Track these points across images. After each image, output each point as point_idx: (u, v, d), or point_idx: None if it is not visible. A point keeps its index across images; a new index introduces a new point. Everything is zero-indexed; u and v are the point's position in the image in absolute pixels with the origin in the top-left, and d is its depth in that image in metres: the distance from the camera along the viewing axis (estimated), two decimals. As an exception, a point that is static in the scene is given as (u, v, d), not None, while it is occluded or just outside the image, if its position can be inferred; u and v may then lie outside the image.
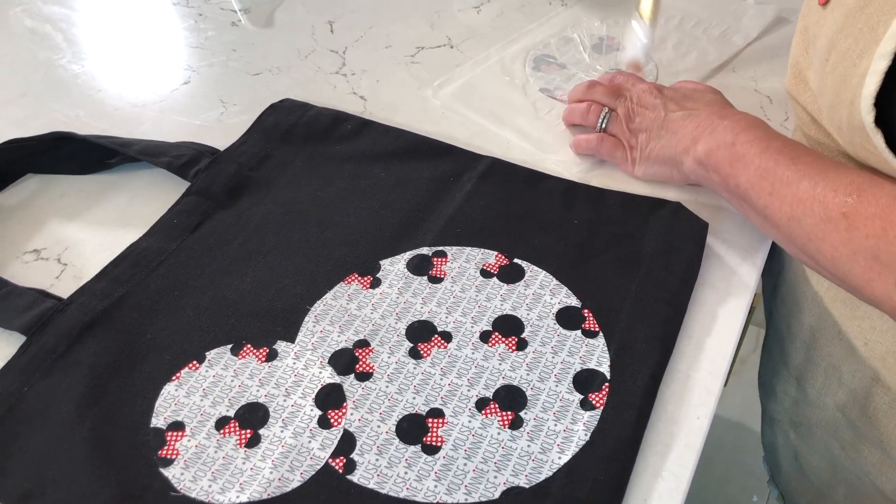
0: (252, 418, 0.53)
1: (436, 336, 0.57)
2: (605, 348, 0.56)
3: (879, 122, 0.44)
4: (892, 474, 0.62)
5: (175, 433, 0.52)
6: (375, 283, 0.61)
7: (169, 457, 0.51)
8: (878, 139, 0.45)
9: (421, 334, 0.57)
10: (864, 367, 0.60)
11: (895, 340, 0.57)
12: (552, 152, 0.72)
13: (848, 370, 0.62)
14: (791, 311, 0.67)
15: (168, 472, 0.50)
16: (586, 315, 0.58)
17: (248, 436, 0.52)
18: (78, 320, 0.58)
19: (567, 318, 0.58)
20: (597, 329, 0.58)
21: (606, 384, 0.54)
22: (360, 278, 0.61)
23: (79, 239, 0.65)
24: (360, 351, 0.56)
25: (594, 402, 0.53)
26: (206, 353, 0.56)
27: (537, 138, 0.73)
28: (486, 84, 0.79)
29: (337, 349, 0.57)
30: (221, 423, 0.53)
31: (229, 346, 0.57)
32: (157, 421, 0.53)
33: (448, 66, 0.82)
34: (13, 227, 0.66)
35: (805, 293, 0.64)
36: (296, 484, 0.50)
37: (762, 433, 0.81)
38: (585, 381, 0.55)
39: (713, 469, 1.40)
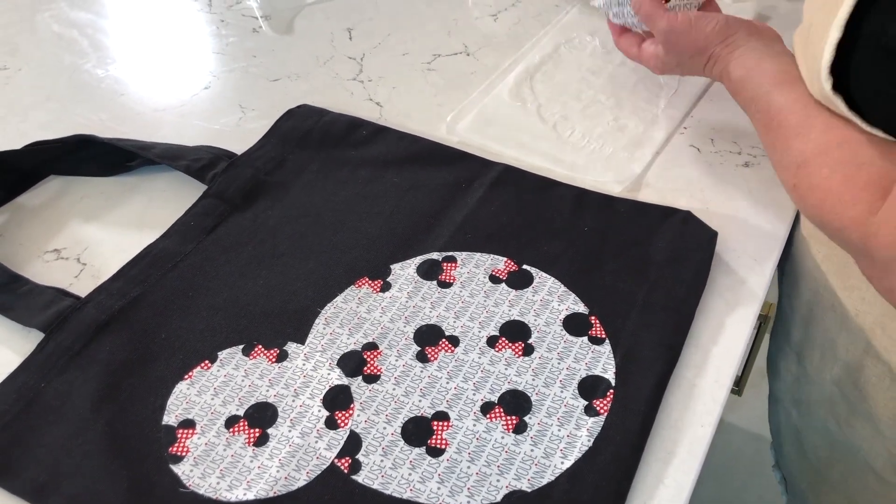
0: (261, 418, 0.54)
1: (443, 340, 0.58)
2: (611, 355, 0.57)
3: (840, 88, 0.49)
4: (881, 449, 0.63)
5: (186, 431, 0.53)
6: (385, 287, 0.62)
7: (179, 454, 0.52)
8: (838, 103, 0.49)
9: (429, 338, 0.58)
10: (856, 339, 0.61)
11: (883, 311, 0.58)
12: (588, 173, 0.71)
13: (842, 343, 0.63)
14: (792, 287, 0.69)
15: (178, 469, 0.51)
16: (593, 322, 0.59)
17: (257, 435, 0.53)
18: (95, 319, 0.59)
19: (574, 325, 0.59)
20: (603, 336, 0.58)
21: (611, 391, 0.55)
22: (370, 282, 0.62)
23: (98, 239, 0.67)
24: (369, 353, 0.57)
25: (598, 408, 0.54)
26: (219, 353, 0.58)
27: (570, 162, 0.72)
28: (498, 113, 0.78)
29: (346, 351, 0.57)
30: (231, 422, 0.54)
31: (241, 347, 0.58)
32: (169, 418, 0.54)
33: (464, 74, 0.83)
34: (35, 227, 0.68)
35: (803, 268, 0.66)
36: (302, 483, 0.51)
37: (768, 415, 0.82)
38: (590, 388, 0.55)
39: (731, 480, 1.39)
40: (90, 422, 0.54)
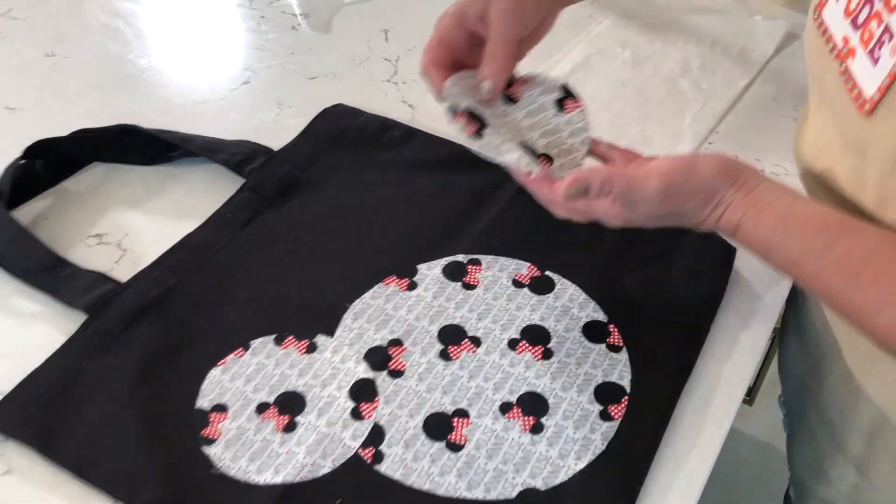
0: (290, 405, 0.57)
1: (466, 340, 0.60)
2: (628, 363, 0.59)
3: None
4: None
5: (218, 415, 0.56)
6: (412, 286, 0.64)
7: (211, 437, 0.55)
8: None
9: (452, 338, 0.61)
10: None
11: None
12: None
13: None
14: (846, 403, 0.63)
15: (209, 451, 0.54)
16: (612, 330, 0.61)
17: (286, 422, 0.56)
18: (134, 304, 0.62)
19: (593, 332, 0.61)
20: (621, 344, 0.60)
21: (626, 397, 0.57)
22: (397, 280, 0.64)
23: (138, 226, 0.70)
24: (394, 349, 0.60)
25: (613, 413, 0.56)
26: (251, 342, 0.60)
27: None
28: None
29: (372, 346, 0.60)
30: (262, 408, 0.57)
31: (273, 337, 0.61)
32: (202, 402, 0.57)
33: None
34: (79, 212, 0.71)
35: (861, 387, 0.61)
36: (327, 470, 0.53)
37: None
38: (606, 393, 0.57)
39: (737, 486, 1.41)
40: (127, 402, 0.56)
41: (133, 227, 0.70)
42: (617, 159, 0.60)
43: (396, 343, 0.60)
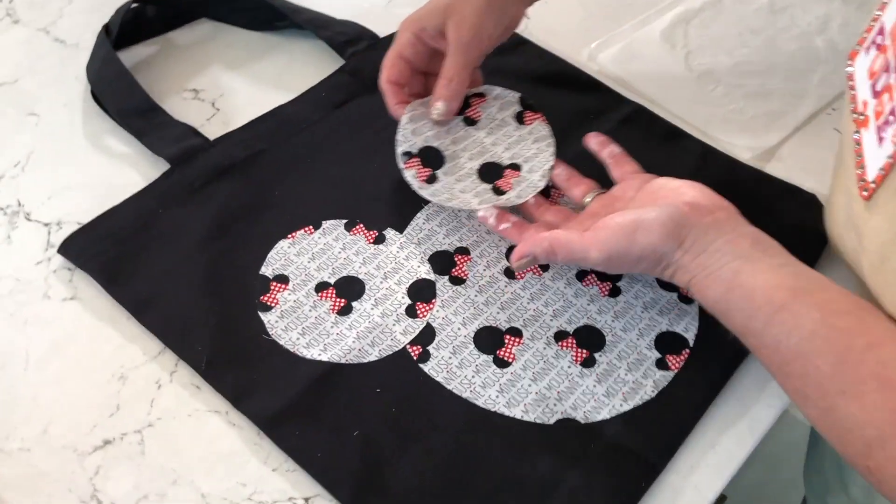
0: (349, 290, 0.57)
1: (535, 261, 0.59)
2: (697, 317, 0.57)
3: None
4: None
5: (279, 285, 0.57)
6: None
7: (269, 303, 0.56)
8: None
9: (521, 256, 0.59)
10: None
11: None
12: (721, 132, 0.69)
13: None
14: None
15: (265, 317, 0.55)
16: (687, 280, 0.58)
17: (342, 304, 0.56)
18: (219, 162, 0.63)
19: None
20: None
21: (687, 350, 0.55)
22: (478, 189, 0.63)
23: (234, 88, 0.70)
24: (460, 257, 0.59)
25: (671, 363, 0.54)
26: (323, 222, 0.60)
27: (706, 116, 0.70)
28: (645, 52, 0.76)
29: (439, 249, 0.59)
30: (321, 287, 0.57)
31: (344, 221, 0.61)
32: (266, 270, 0.57)
33: (621, 3, 0.80)
34: (180, 64, 0.71)
35: None
36: (373, 358, 0.54)
37: None
38: (668, 343, 0.55)
39: (781, 471, 1.38)
40: (194, 255, 0.58)
41: (229, 89, 0.70)
42: (611, 166, 0.60)
43: (464, 251, 0.59)
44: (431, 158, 0.61)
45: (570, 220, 0.58)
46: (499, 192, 0.61)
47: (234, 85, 0.70)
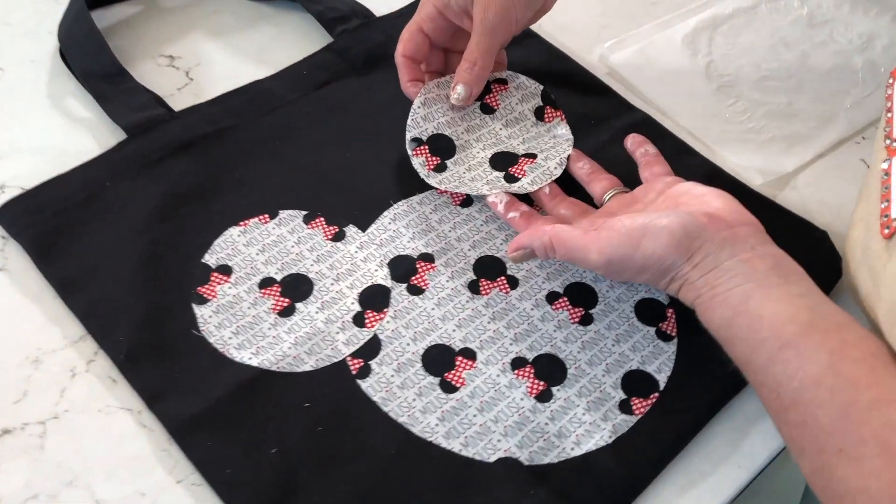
0: (295, 289, 0.52)
1: (502, 277, 0.54)
2: (673, 357, 0.51)
3: None
4: None
5: (220, 276, 0.52)
6: (466, 203, 0.57)
7: (206, 296, 0.51)
8: None
9: (489, 271, 0.54)
10: None
11: None
12: (733, 153, 0.63)
13: None
14: None
15: (198, 311, 0.51)
16: (669, 315, 0.53)
17: (285, 304, 0.51)
18: (179, 136, 0.58)
19: (647, 312, 0.53)
20: (674, 334, 0.52)
21: (656, 394, 0.49)
22: (453, 193, 0.58)
23: (213, 58, 0.66)
24: (423, 264, 0.54)
25: (635, 407, 0.49)
26: (280, 211, 0.56)
27: (718, 134, 0.64)
28: (662, 57, 0.69)
29: (401, 254, 0.54)
30: (266, 283, 0.52)
31: (304, 213, 0.56)
32: (210, 258, 0.53)
33: (643, 1, 0.74)
34: (160, 28, 0.67)
35: None
36: (308, 367, 0.49)
37: None
38: (636, 383, 0.50)
39: None
40: (138, 234, 0.53)
41: (207, 58, 0.66)
42: (641, 166, 0.56)
43: (428, 258, 0.54)
44: (442, 147, 0.57)
45: (585, 216, 0.53)
46: (512, 179, 0.56)
47: (213, 55, 0.66)
